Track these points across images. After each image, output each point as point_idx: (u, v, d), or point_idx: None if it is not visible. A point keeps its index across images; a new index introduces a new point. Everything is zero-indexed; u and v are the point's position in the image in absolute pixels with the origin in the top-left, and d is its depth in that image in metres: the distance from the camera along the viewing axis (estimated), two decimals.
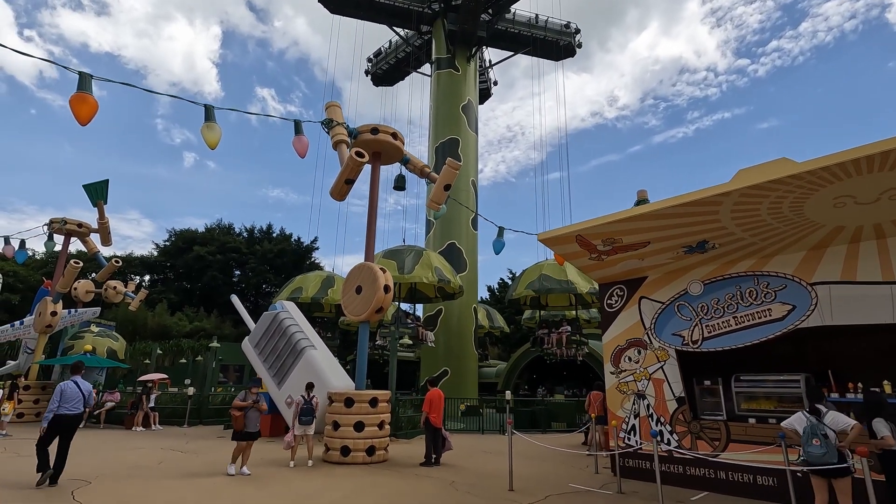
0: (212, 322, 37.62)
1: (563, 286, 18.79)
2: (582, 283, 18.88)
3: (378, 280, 9.75)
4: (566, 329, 19.90)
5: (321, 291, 21.82)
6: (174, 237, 44.23)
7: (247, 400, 7.98)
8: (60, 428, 6.77)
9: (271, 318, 14.06)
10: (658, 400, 8.13)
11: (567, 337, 19.49)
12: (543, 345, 20.23)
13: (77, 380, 7.12)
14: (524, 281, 20.14)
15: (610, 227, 7.43)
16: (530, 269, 20.63)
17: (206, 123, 7.95)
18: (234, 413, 7.87)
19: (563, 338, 19.48)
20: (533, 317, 25.85)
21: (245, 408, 7.88)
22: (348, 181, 9.55)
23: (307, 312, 23.57)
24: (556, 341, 19.54)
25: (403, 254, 19.31)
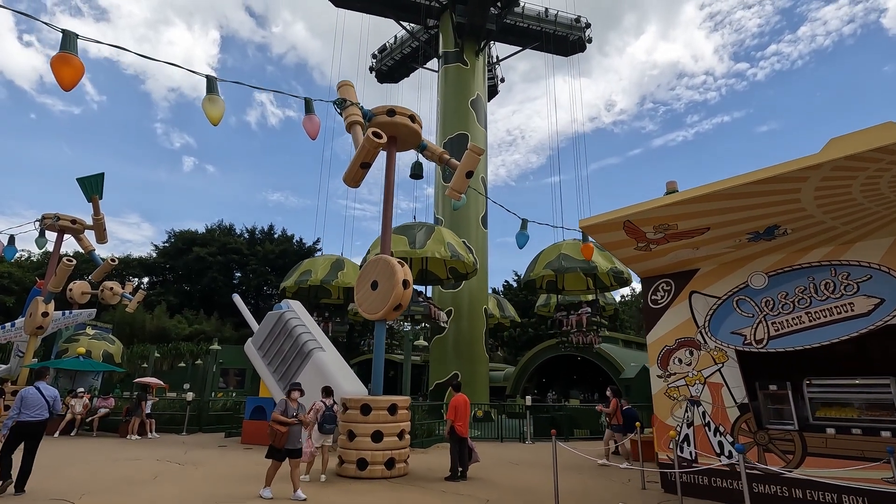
0: (212, 324, 36.73)
1: (583, 265, 17.93)
2: (602, 263, 18.04)
3: (396, 274, 8.86)
4: (586, 310, 19.10)
5: (330, 274, 20.97)
6: (174, 238, 43.40)
7: (288, 413, 6.74)
8: (23, 435, 6.65)
9: (276, 318, 13.15)
10: (716, 407, 7.23)
11: (587, 318, 18.72)
12: (562, 327, 19.44)
13: (40, 385, 6.94)
14: (542, 261, 19.28)
15: (666, 211, 6.55)
16: (548, 248, 19.74)
17: (207, 96, 7.08)
18: (278, 429, 6.58)
19: (584, 319, 18.76)
20: (547, 303, 24.97)
21: (289, 423, 6.64)
22: (364, 165, 8.67)
23: (314, 298, 23.01)
24: (575, 322, 18.89)
25: (415, 229, 18.42)
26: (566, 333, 19.80)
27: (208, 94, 7.14)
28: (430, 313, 18.33)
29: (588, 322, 18.75)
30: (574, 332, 21.77)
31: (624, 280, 20.23)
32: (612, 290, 20.25)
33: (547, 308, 25.21)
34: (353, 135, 9.25)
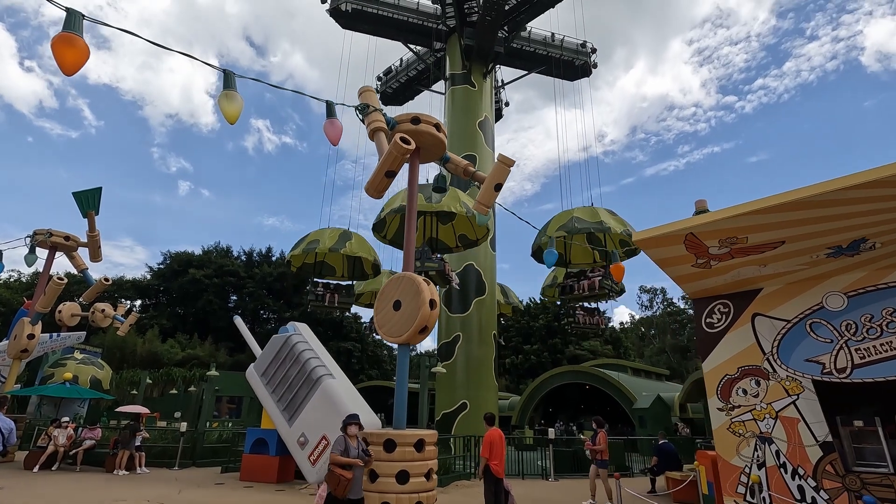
0: (206, 349, 35.39)
1: (597, 226, 17.54)
2: (615, 225, 17.63)
3: (422, 293, 8.03)
4: (598, 273, 18.43)
5: (338, 243, 20.06)
6: (169, 259, 42.37)
7: (350, 453, 5.61)
8: None
9: (282, 342, 12.20)
10: (792, 445, 6.37)
11: (599, 282, 18.04)
12: (573, 292, 18.88)
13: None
14: (554, 224, 18.72)
15: (738, 222, 5.84)
16: (559, 214, 19.27)
17: (224, 92, 6.40)
18: (342, 474, 5.48)
19: (596, 283, 18.10)
20: (553, 283, 24.19)
21: (355, 464, 5.55)
22: (389, 174, 7.95)
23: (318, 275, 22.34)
24: (587, 286, 18.25)
25: (429, 188, 17.87)
26: (576, 299, 19.03)
27: (225, 90, 6.46)
28: (445, 270, 17.59)
29: (600, 286, 18.04)
30: (581, 312, 21.51)
31: (633, 249, 19.67)
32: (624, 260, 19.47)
33: (552, 289, 24.43)
34: (376, 142, 8.58)
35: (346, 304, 21.39)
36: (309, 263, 22.32)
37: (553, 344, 48.69)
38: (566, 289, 19.36)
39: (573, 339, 49.61)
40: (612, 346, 50.80)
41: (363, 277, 23.40)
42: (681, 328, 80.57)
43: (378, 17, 28.18)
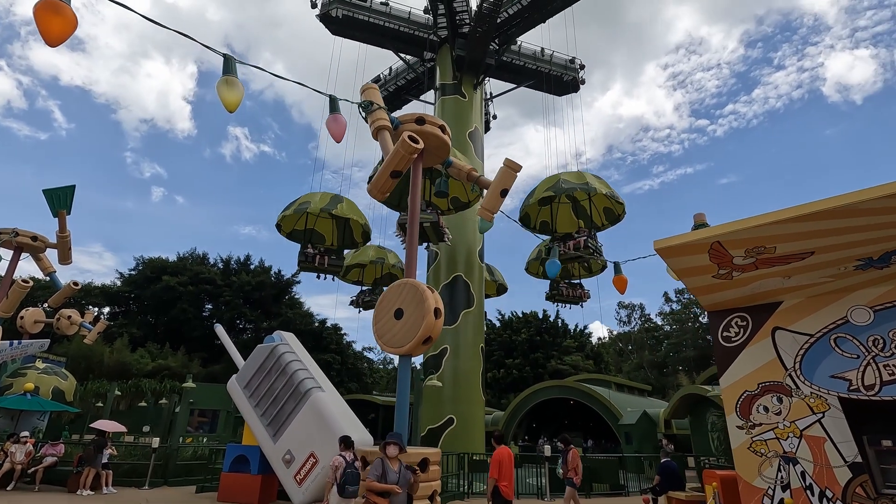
0: (178, 360, 33.86)
1: (583, 186, 18.32)
2: (600, 186, 18.46)
3: (426, 301, 7.58)
4: (584, 233, 18.99)
5: (330, 204, 19.93)
6: (142, 266, 40.70)
7: (389, 478, 5.02)
8: None
9: (267, 351, 11.51)
10: (819, 466, 6.08)
11: (585, 242, 18.62)
12: (561, 252, 19.06)
13: None
14: (541, 188, 19.23)
15: (770, 231, 5.59)
16: (547, 178, 19.78)
17: (224, 77, 5.93)
18: (377, 501, 4.93)
19: (581, 243, 18.65)
20: (538, 257, 24.32)
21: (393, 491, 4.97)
22: (395, 174, 7.55)
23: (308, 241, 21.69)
24: (573, 246, 18.71)
25: None
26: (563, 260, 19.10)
27: (225, 76, 5.98)
28: (439, 223, 17.54)
29: (585, 245, 18.57)
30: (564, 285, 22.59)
31: (616, 216, 20.41)
32: (604, 230, 20.81)
33: (536, 262, 24.59)
34: (380, 141, 8.16)
35: (337, 268, 21.44)
36: (299, 230, 22.00)
37: (535, 358, 48.44)
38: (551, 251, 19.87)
39: (555, 353, 49.49)
40: (594, 361, 50.83)
41: (352, 246, 23.33)
42: (657, 344, 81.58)
43: (369, 24, 27.97)
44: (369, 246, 25.27)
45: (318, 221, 22.21)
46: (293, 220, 21.36)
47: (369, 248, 25.55)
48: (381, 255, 25.83)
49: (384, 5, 28.09)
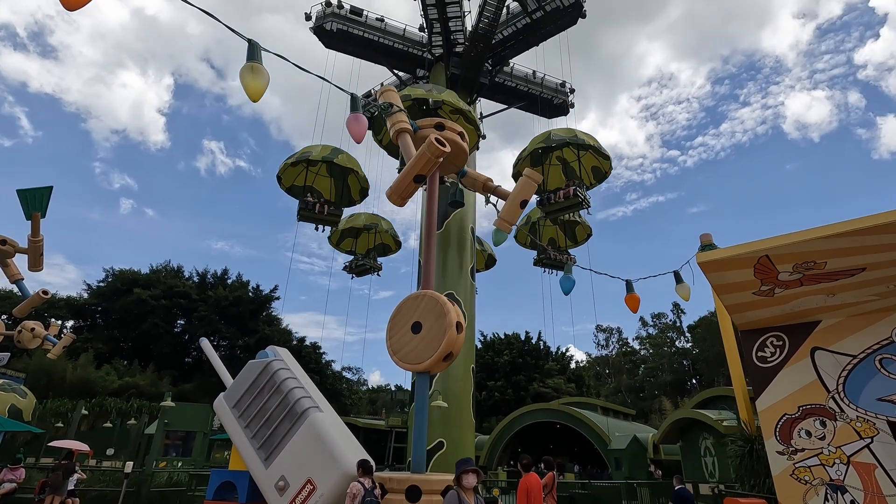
0: (147, 378, 32.03)
1: (572, 139, 19.52)
2: (587, 139, 19.60)
3: (448, 314, 7.09)
4: (573, 183, 20.33)
5: (332, 154, 20.49)
6: (112, 277, 38.78)
7: None
8: None
9: (259, 368, 10.67)
10: (870, 495, 5.77)
11: (574, 191, 19.95)
12: (550, 202, 20.56)
13: None
14: (533, 143, 20.34)
15: (826, 244, 5.37)
16: (537, 136, 20.91)
17: (248, 64, 5.46)
18: None
19: (571, 192, 20.02)
20: (528, 222, 25.27)
21: None
22: (418, 178, 7.13)
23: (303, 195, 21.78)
24: (563, 195, 20.03)
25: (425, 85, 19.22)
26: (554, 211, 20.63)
27: (249, 62, 5.51)
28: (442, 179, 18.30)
29: (574, 194, 19.82)
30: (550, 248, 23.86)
31: (603, 174, 21.70)
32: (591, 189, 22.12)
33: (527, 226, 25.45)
34: (401, 144, 7.76)
35: (335, 217, 22.02)
36: (298, 186, 22.29)
37: (517, 380, 47.84)
38: (543, 201, 20.85)
39: (537, 375, 48.97)
40: (576, 385, 50.53)
41: (350, 204, 23.73)
42: (634, 368, 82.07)
43: (363, 39, 27.85)
44: (362, 213, 25.80)
45: (317, 179, 22.65)
46: (294, 173, 21.79)
47: (361, 215, 25.83)
48: (374, 221, 25.98)
49: (379, 21, 28.11)
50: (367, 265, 25.81)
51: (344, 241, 27.03)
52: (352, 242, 27.33)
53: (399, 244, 28.08)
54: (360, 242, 27.48)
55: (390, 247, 27.97)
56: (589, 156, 20.74)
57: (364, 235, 27.15)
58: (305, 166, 21.19)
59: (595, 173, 21.99)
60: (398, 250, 28.33)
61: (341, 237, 26.52)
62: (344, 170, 21.44)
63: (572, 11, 25.58)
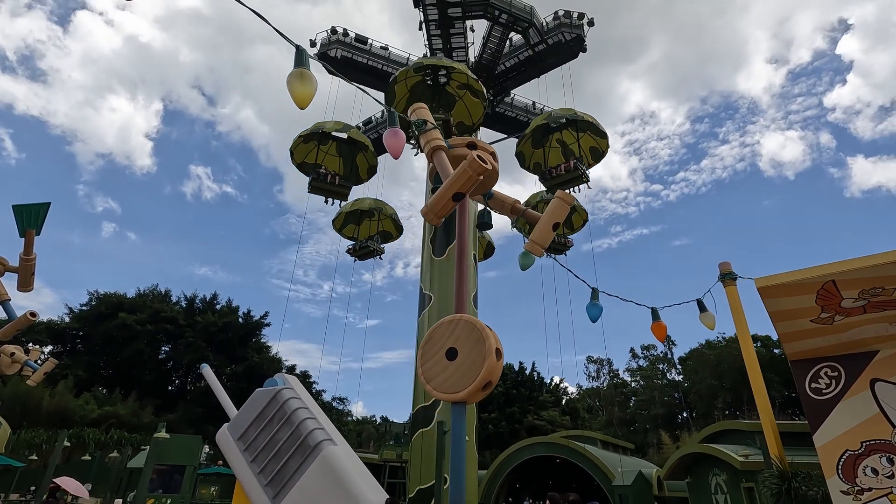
0: (128, 408, 30.48)
1: (571, 116, 21.28)
2: (585, 115, 21.20)
3: (487, 339, 6.59)
4: (574, 158, 22.39)
5: (344, 128, 21.74)
6: (95, 301, 37.42)
7: None
8: None
9: (268, 397, 9.95)
10: None
11: (574, 163, 21.90)
12: (552, 175, 22.21)
13: None
14: (536, 122, 22.23)
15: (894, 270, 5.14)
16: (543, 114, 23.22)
17: (297, 70, 5.18)
18: None
19: (571, 164, 21.94)
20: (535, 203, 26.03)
21: None
22: (457, 196, 6.81)
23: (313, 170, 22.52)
24: (564, 168, 21.98)
25: None
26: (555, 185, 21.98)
27: (297, 68, 5.24)
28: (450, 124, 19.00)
29: (575, 167, 21.66)
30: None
31: (601, 153, 23.26)
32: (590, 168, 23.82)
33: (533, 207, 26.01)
34: (436, 162, 7.43)
35: (346, 190, 23.08)
36: (308, 163, 23.14)
37: (511, 412, 46.78)
38: (546, 176, 22.60)
39: (531, 407, 47.96)
40: (570, 417, 49.56)
41: (357, 183, 24.63)
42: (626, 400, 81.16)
43: (367, 66, 28.12)
44: (365, 198, 26.75)
45: (327, 158, 23.44)
46: (305, 150, 22.59)
47: (367, 199, 26.72)
48: (379, 205, 26.63)
49: (384, 49, 28.47)
50: (371, 247, 26.29)
51: (346, 228, 27.55)
52: (354, 229, 27.86)
53: (401, 231, 29.01)
54: (363, 229, 27.92)
55: (391, 234, 28.74)
56: (587, 137, 22.62)
57: (366, 222, 27.80)
58: (316, 144, 22.27)
59: (593, 154, 23.67)
60: (399, 237, 28.95)
61: (344, 222, 27.00)
62: (354, 148, 22.87)
63: (574, 45, 26.21)
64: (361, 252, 26.75)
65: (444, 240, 24.13)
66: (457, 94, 23.59)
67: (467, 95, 23.19)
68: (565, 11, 25.75)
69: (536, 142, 22.86)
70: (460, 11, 25.05)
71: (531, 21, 25.12)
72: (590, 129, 22.15)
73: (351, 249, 26.98)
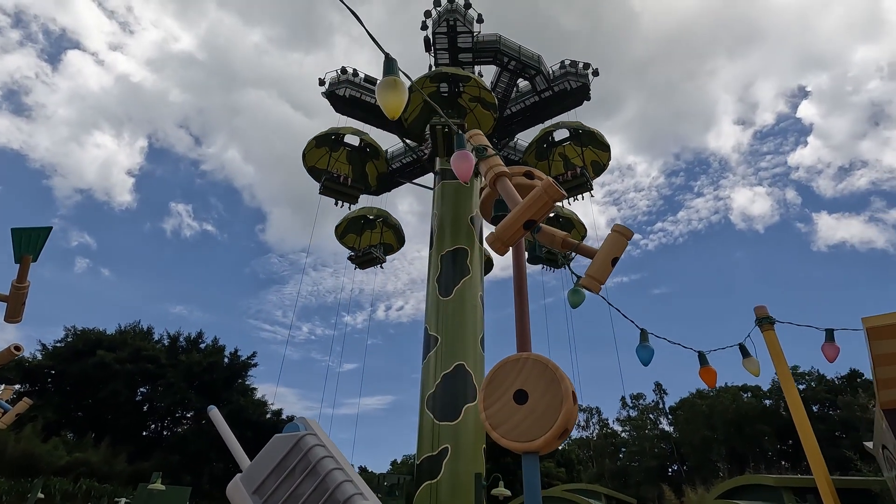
0: (100, 454, 28.08)
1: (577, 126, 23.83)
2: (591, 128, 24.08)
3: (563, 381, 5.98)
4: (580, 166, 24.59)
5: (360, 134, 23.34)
6: (72, 337, 35.33)
7: None
8: None
9: (290, 444, 8.96)
10: None
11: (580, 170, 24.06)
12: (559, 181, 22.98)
13: None
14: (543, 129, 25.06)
15: None
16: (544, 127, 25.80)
17: (389, 78, 4.78)
18: None
19: (577, 171, 24.11)
20: None
21: None
22: (528, 224, 6.37)
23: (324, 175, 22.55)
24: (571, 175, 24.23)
25: None
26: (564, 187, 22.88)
27: (387, 77, 4.86)
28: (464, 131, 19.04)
29: (581, 174, 23.54)
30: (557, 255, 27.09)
31: (601, 166, 25.32)
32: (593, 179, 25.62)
33: None
34: (500, 189, 6.98)
35: (357, 192, 23.32)
36: (319, 168, 23.62)
37: (506, 463, 44.56)
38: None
39: None
40: (566, 469, 47.56)
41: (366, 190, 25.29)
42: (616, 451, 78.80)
43: (374, 107, 28.35)
44: (372, 207, 26.96)
45: (337, 164, 23.95)
46: (317, 155, 23.08)
47: (373, 208, 26.94)
48: (384, 215, 26.59)
49: None
50: (373, 254, 26.27)
51: (347, 237, 27.29)
52: (355, 238, 27.55)
53: (402, 242, 28.63)
54: (364, 239, 27.68)
55: (392, 245, 28.45)
56: (589, 151, 24.33)
57: (367, 233, 27.58)
58: (328, 150, 22.91)
59: (595, 167, 25.23)
60: (400, 248, 28.78)
61: (345, 231, 26.83)
62: (364, 156, 23.72)
63: (579, 94, 26.92)
64: (364, 259, 26.62)
65: (451, 279, 23.51)
66: (468, 106, 24.49)
67: (478, 108, 24.12)
68: (571, 61, 26.61)
69: (540, 154, 24.40)
70: (471, 57, 25.68)
71: (539, 69, 25.84)
72: (592, 143, 23.69)
73: (353, 257, 26.85)
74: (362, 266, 27.07)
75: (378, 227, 27.42)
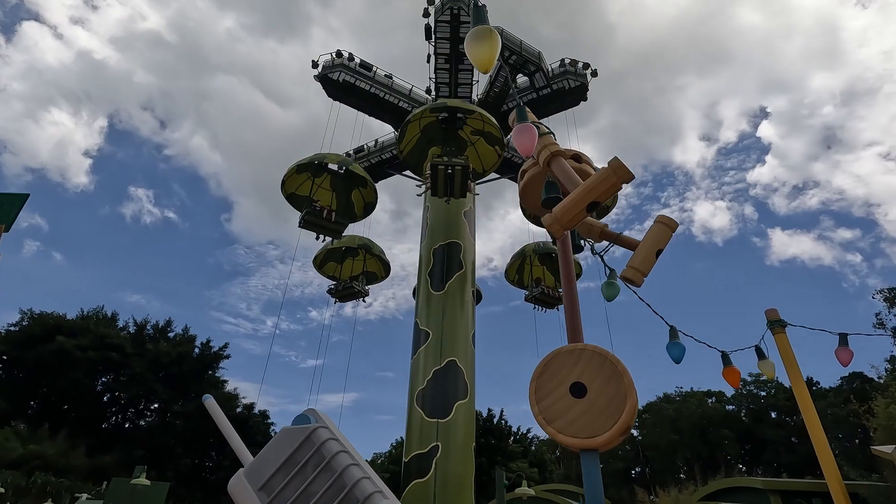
0: (57, 447, 26.23)
1: None
2: None
3: (624, 375, 5.61)
4: None
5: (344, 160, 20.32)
6: (29, 321, 32.99)
7: None
8: None
9: (300, 437, 8.13)
10: None
11: None
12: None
13: None
14: None
15: None
16: None
17: (477, 28, 4.29)
18: None
19: None
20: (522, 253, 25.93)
21: None
22: (592, 206, 5.92)
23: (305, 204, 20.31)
24: None
25: None
26: None
27: (476, 26, 4.33)
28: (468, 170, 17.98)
29: None
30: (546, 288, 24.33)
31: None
32: None
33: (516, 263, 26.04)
34: (557, 168, 6.56)
35: (341, 227, 21.03)
36: (300, 196, 21.24)
37: (480, 464, 44.34)
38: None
39: (499, 458, 45.76)
40: (539, 469, 47.68)
41: (351, 220, 22.72)
42: None
43: (368, 94, 27.58)
44: (354, 235, 25.21)
45: (319, 191, 21.67)
46: (298, 181, 20.89)
47: (355, 236, 25.22)
48: (366, 244, 25.00)
49: (388, 78, 28.12)
50: (355, 288, 24.11)
51: (327, 265, 25.43)
52: (335, 267, 25.72)
53: (388, 271, 26.90)
54: (345, 268, 25.78)
55: (376, 274, 26.71)
56: None
57: (349, 262, 25.88)
58: (310, 176, 20.55)
59: None
60: (385, 277, 26.90)
61: (325, 259, 25.08)
62: (350, 183, 21.36)
63: (577, 93, 26.87)
64: (344, 293, 24.30)
65: (442, 273, 22.97)
66: (469, 139, 22.82)
67: (481, 142, 22.50)
68: (571, 60, 26.54)
69: None
70: None
71: (539, 65, 25.62)
72: None
73: (332, 290, 24.64)
74: (342, 300, 24.96)
75: (361, 255, 25.57)
